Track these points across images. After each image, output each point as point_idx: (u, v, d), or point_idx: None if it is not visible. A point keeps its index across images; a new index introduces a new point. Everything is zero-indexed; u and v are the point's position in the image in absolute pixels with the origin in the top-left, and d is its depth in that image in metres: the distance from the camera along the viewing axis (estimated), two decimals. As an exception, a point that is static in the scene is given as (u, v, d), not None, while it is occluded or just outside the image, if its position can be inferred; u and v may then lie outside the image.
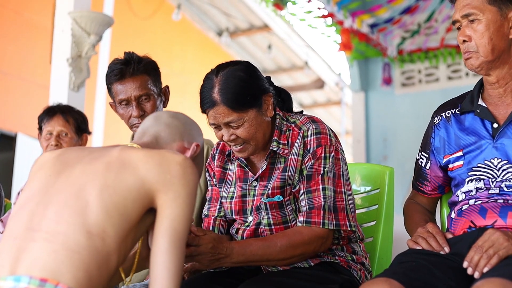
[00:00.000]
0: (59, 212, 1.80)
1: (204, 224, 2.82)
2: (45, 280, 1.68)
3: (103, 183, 1.83)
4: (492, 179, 2.48)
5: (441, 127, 2.68)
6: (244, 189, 2.71)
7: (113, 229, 1.78)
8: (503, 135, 2.50)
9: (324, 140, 2.62)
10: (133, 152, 1.91)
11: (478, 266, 2.23)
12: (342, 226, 2.58)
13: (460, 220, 2.51)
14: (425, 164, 2.74)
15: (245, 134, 2.57)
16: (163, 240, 1.82)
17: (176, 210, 1.83)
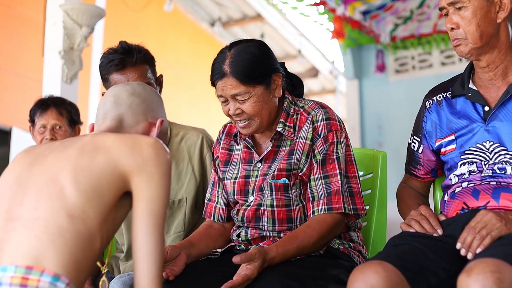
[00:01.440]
0: (37, 198, 1.79)
1: (207, 210, 2.85)
2: (31, 267, 1.67)
3: (78, 167, 1.83)
4: (484, 162, 2.49)
5: (432, 111, 2.68)
6: (248, 170, 2.73)
7: (92, 211, 1.78)
8: (494, 118, 2.50)
9: (334, 126, 2.66)
10: (105, 137, 1.91)
11: (471, 247, 2.24)
12: (359, 210, 2.63)
13: (453, 202, 2.52)
14: (417, 148, 2.74)
15: (250, 109, 2.60)
16: (141, 223, 1.82)
17: (151, 191, 1.83)
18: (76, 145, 1.90)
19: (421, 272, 2.20)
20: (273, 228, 2.64)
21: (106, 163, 1.84)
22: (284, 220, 2.63)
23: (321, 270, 2.50)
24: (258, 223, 2.66)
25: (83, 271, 1.75)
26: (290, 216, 2.64)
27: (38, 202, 1.78)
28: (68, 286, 1.68)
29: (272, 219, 2.64)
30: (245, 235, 2.69)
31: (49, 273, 1.67)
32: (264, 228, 2.66)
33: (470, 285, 1.95)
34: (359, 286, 2.13)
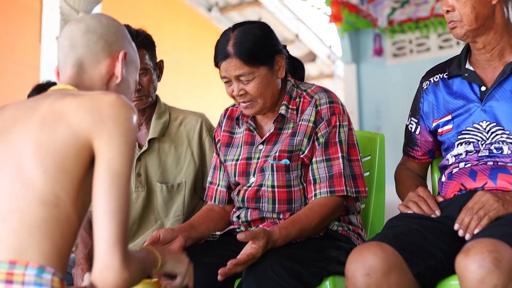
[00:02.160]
0: (8, 189, 1.71)
1: (208, 193, 2.86)
2: (14, 262, 1.62)
3: (41, 146, 1.72)
4: (481, 141, 2.50)
5: (429, 92, 2.69)
6: (250, 152, 2.75)
7: (63, 192, 1.70)
8: (491, 97, 2.51)
9: (337, 109, 2.67)
10: (64, 103, 1.78)
11: (469, 228, 2.25)
12: (361, 193, 2.65)
13: (450, 183, 2.53)
14: (414, 130, 2.75)
15: (254, 90, 2.62)
16: (101, 183, 1.70)
17: (112, 151, 1.72)
18: (37, 116, 1.77)
19: (419, 253, 2.21)
20: (273, 209, 2.65)
21: (68, 136, 1.73)
22: (284, 201, 2.65)
23: (321, 251, 2.52)
24: (258, 203, 2.68)
25: (65, 255, 1.72)
26: (290, 197, 2.65)
27: (11, 193, 1.71)
28: (54, 275, 1.64)
29: (272, 199, 2.65)
30: (245, 216, 2.70)
31: (33, 265, 1.63)
32: (264, 209, 2.67)
33: (468, 265, 1.96)
34: (358, 267, 2.14)
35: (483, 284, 1.93)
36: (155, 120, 3.13)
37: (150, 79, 3.06)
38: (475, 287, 1.94)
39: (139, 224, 3.10)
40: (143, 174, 3.09)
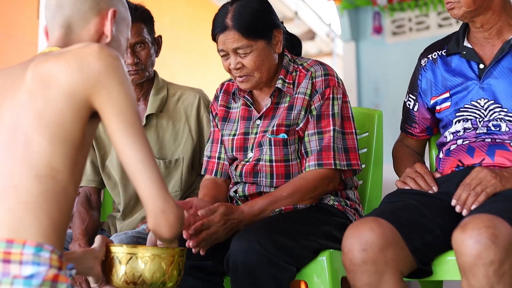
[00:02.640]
0: (2, 164, 1.69)
1: (208, 167, 2.85)
2: (12, 241, 1.60)
3: (35, 115, 1.69)
4: (479, 119, 2.49)
5: (427, 69, 2.68)
6: (247, 127, 2.75)
7: (60, 163, 1.68)
8: (489, 75, 2.50)
9: (332, 82, 2.67)
10: (49, 66, 1.73)
11: (466, 204, 2.25)
12: (354, 166, 2.64)
13: (448, 159, 2.53)
14: (412, 106, 2.75)
15: (251, 64, 2.61)
16: (121, 136, 1.71)
17: (117, 103, 1.71)
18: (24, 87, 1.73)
19: (416, 229, 2.22)
20: (271, 183, 2.66)
21: (62, 97, 1.70)
22: (282, 175, 2.65)
23: (312, 225, 2.52)
24: (256, 178, 2.68)
25: (63, 229, 1.70)
26: (288, 172, 2.65)
27: (5, 169, 1.68)
28: (52, 253, 1.63)
29: (270, 174, 2.65)
30: (243, 191, 2.70)
31: (31, 244, 1.61)
32: (262, 183, 2.67)
33: (464, 240, 1.96)
34: (354, 242, 2.15)
35: (480, 259, 1.93)
36: (153, 96, 3.12)
37: (148, 53, 3.05)
38: (472, 262, 1.94)
39: (137, 200, 3.10)
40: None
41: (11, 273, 1.58)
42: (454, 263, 2.07)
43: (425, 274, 2.27)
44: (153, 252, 2.01)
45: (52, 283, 1.60)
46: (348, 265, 2.16)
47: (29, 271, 1.59)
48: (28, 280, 1.58)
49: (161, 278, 2.03)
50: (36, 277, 1.58)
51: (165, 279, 2.03)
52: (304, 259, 2.47)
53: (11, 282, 1.57)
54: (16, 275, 1.58)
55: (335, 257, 2.49)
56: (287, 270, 2.39)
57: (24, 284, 1.57)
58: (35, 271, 1.59)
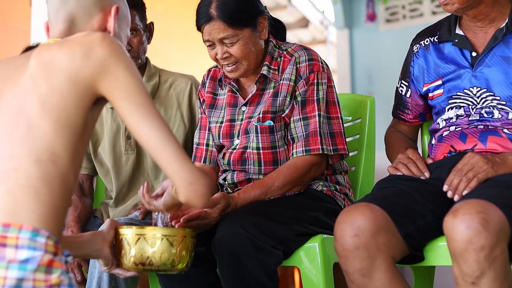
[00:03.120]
0: (2, 148, 1.69)
1: (197, 154, 2.85)
2: (8, 225, 1.60)
3: (39, 100, 1.70)
4: (472, 106, 2.49)
5: (420, 55, 2.68)
6: (233, 113, 2.75)
7: (62, 148, 1.69)
8: (482, 63, 2.50)
9: (316, 67, 2.67)
10: (51, 54, 1.75)
11: (458, 189, 2.25)
12: (340, 150, 2.65)
13: (440, 145, 2.53)
14: (405, 93, 2.74)
15: (238, 52, 2.61)
16: (135, 119, 1.74)
17: (124, 86, 1.74)
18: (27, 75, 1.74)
19: (408, 214, 2.22)
20: (259, 170, 2.66)
21: (66, 84, 1.71)
22: (270, 162, 2.65)
23: (299, 210, 2.53)
24: (244, 166, 2.68)
25: (61, 215, 1.70)
26: (276, 158, 2.66)
27: (4, 152, 1.69)
28: (48, 238, 1.62)
29: (258, 161, 2.65)
30: (231, 178, 2.71)
31: (27, 228, 1.61)
32: (250, 171, 2.68)
33: (456, 225, 1.96)
34: (346, 228, 2.15)
35: (471, 244, 1.93)
36: (145, 83, 3.11)
37: (140, 40, 3.04)
38: (463, 247, 1.94)
39: (129, 187, 3.10)
40: (132, 136, 3.08)
41: (7, 257, 1.58)
42: (446, 248, 2.07)
43: (417, 260, 2.27)
44: (162, 233, 2.02)
45: (47, 268, 1.60)
46: (340, 250, 2.16)
47: (24, 255, 1.59)
48: (23, 264, 1.58)
49: (170, 258, 2.04)
50: (31, 262, 1.58)
51: (174, 260, 2.04)
52: (291, 243, 2.47)
53: (6, 266, 1.57)
54: (11, 259, 1.57)
55: (327, 243, 2.49)
56: (273, 254, 2.39)
57: (19, 269, 1.57)
58: (30, 256, 1.59)
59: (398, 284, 2.16)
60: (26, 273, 1.57)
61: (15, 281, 1.56)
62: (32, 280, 1.57)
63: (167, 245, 2.03)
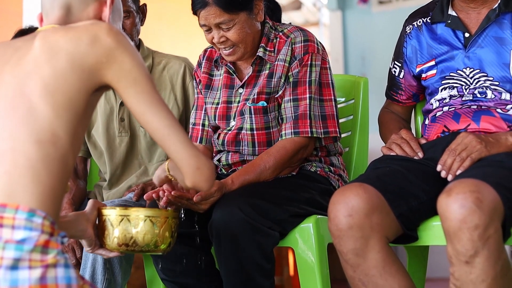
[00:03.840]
0: (2, 128, 1.69)
1: (193, 134, 2.85)
2: (4, 205, 1.61)
3: (41, 81, 1.71)
4: (465, 86, 2.50)
5: (412, 36, 2.68)
6: (230, 95, 2.74)
7: (62, 130, 1.70)
8: (474, 44, 2.50)
9: (311, 48, 2.66)
10: (57, 37, 1.77)
11: (452, 169, 2.26)
12: (331, 133, 2.65)
13: (433, 125, 2.53)
14: (398, 74, 2.74)
15: (235, 36, 2.60)
16: (142, 107, 1.77)
17: (130, 74, 1.76)
18: (31, 56, 1.76)
19: (402, 194, 2.23)
20: (253, 151, 2.67)
21: (70, 68, 1.73)
22: (264, 143, 2.66)
23: (294, 191, 2.54)
24: (238, 147, 2.69)
25: (59, 197, 1.71)
26: (269, 139, 2.66)
27: (3, 131, 1.69)
28: (45, 219, 1.63)
29: (252, 142, 2.66)
30: (226, 159, 2.71)
31: (23, 209, 1.61)
32: (244, 152, 2.68)
33: (449, 205, 1.97)
34: (340, 208, 2.15)
35: (465, 223, 1.94)
36: (138, 65, 3.10)
37: (132, 22, 3.04)
38: (457, 227, 1.95)
39: (123, 169, 3.10)
40: (126, 119, 3.07)
41: (3, 237, 1.58)
42: (440, 228, 2.08)
43: (411, 240, 2.28)
44: (145, 214, 2.03)
45: (43, 249, 1.60)
46: (334, 230, 2.17)
47: (20, 235, 1.59)
48: (20, 245, 1.58)
49: (153, 239, 2.05)
50: (28, 242, 1.59)
51: (157, 240, 2.05)
52: (286, 224, 2.49)
53: (2, 247, 1.58)
54: (8, 240, 1.58)
55: (321, 223, 2.50)
56: (270, 235, 2.41)
57: (16, 249, 1.58)
58: (26, 236, 1.59)
59: (392, 263, 2.17)
60: (22, 254, 1.58)
61: (11, 261, 1.57)
62: (28, 260, 1.58)
63: (150, 226, 2.04)
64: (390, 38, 7.34)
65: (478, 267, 1.95)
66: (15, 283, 1.57)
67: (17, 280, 1.57)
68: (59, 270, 1.61)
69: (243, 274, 2.40)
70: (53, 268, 1.60)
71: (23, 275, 1.57)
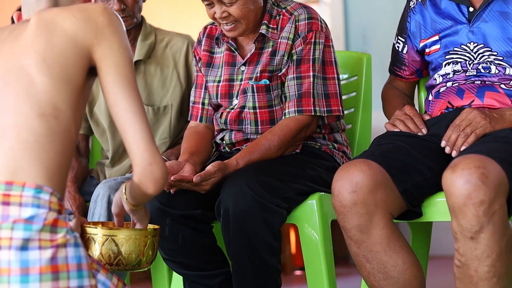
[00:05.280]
0: (2, 102, 1.70)
1: (192, 113, 2.83)
2: (11, 183, 1.61)
3: (38, 55, 1.71)
4: (469, 61, 2.49)
5: (416, 11, 2.66)
6: (232, 73, 2.72)
7: (63, 103, 1.69)
8: (479, 18, 2.49)
9: (315, 26, 2.64)
10: (52, 14, 1.78)
11: (456, 145, 2.25)
12: (334, 112, 2.64)
13: (437, 101, 2.52)
14: (401, 49, 2.73)
15: (238, 12, 2.56)
16: (117, 88, 1.73)
17: (117, 56, 1.75)
18: (27, 33, 1.76)
19: (406, 170, 2.23)
20: (256, 130, 2.66)
21: (65, 42, 1.73)
22: (267, 122, 2.65)
23: (300, 168, 2.54)
24: (241, 125, 2.68)
25: (64, 172, 1.71)
26: (272, 117, 2.66)
27: (5, 107, 1.69)
28: (52, 195, 1.63)
29: (255, 121, 2.65)
30: (229, 138, 2.70)
31: (30, 185, 1.61)
32: (247, 130, 2.67)
33: (454, 180, 1.97)
34: (344, 184, 2.15)
35: (470, 199, 1.94)
36: (141, 42, 3.09)
37: None
38: (462, 202, 1.95)
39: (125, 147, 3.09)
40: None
41: (11, 215, 1.58)
42: (444, 204, 2.09)
43: (415, 216, 2.29)
44: (128, 234, 2.00)
45: (52, 228, 1.60)
46: (338, 207, 2.17)
47: (28, 213, 1.59)
48: (29, 225, 1.58)
49: (137, 259, 2.03)
50: (36, 220, 1.59)
51: (141, 259, 2.03)
52: (292, 202, 2.50)
53: (11, 227, 1.58)
54: (16, 219, 1.58)
55: (325, 200, 2.50)
56: (278, 213, 2.42)
57: (25, 229, 1.58)
58: (34, 213, 1.59)
59: (396, 240, 2.17)
60: (32, 233, 1.58)
61: (21, 242, 1.57)
62: (38, 241, 1.58)
63: (135, 246, 2.02)
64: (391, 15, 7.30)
65: (483, 242, 1.96)
66: (25, 264, 1.57)
67: (27, 261, 1.57)
68: (69, 249, 1.62)
69: (251, 253, 2.40)
70: (63, 248, 1.61)
71: (33, 256, 1.57)
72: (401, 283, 2.16)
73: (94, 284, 1.66)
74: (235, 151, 2.65)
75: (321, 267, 2.50)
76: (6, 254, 1.57)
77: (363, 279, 2.26)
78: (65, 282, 1.59)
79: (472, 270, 1.99)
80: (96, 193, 2.73)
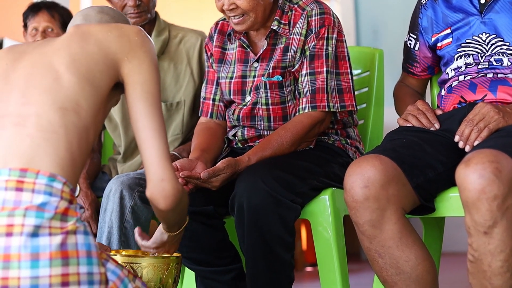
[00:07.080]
0: (26, 93, 1.75)
1: (203, 109, 2.82)
2: (25, 170, 1.65)
3: (69, 57, 1.79)
4: (481, 54, 2.48)
5: (428, 6, 2.66)
6: (244, 69, 2.71)
7: (86, 102, 1.75)
8: (490, 9, 2.49)
9: (327, 21, 2.63)
10: (90, 27, 1.88)
11: (469, 140, 2.25)
12: (348, 107, 2.63)
13: (450, 96, 2.52)
14: (413, 46, 2.72)
15: (245, 4, 2.54)
16: (141, 105, 1.80)
17: (144, 74, 1.82)
18: (61, 39, 1.86)
19: (418, 165, 2.22)
20: (268, 126, 2.65)
21: (97, 51, 1.81)
22: (279, 118, 2.65)
23: (315, 163, 2.54)
24: (254, 122, 2.67)
25: (78, 166, 1.74)
26: (285, 114, 2.65)
27: (29, 97, 1.74)
28: (65, 185, 1.67)
29: (267, 117, 2.65)
30: (242, 134, 2.70)
31: (44, 173, 1.65)
32: (260, 127, 2.67)
33: (468, 175, 1.96)
34: (356, 179, 2.15)
35: (483, 194, 1.93)
36: (155, 38, 3.10)
37: None
38: (475, 197, 1.95)
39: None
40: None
41: (23, 201, 1.62)
42: (457, 199, 2.08)
43: (428, 211, 2.29)
44: (148, 262, 2.00)
45: (62, 216, 1.64)
46: (350, 202, 2.16)
47: (40, 199, 1.63)
48: (41, 212, 1.61)
49: (156, 286, 2.03)
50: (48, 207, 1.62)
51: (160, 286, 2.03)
52: (306, 197, 2.50)
53: (23, 214, 1.61)
54: (28, 206, 1.61)
55: (337, 195, 2.51)
56: (292, 208, 2.42)
57: (36, 216, 1.61)
58: (46, 200, 1.63)
59: (409, 235, 2.17)
60: (43, 221, 1.61)
61: (32, 228, 1.60)
62: (48, 227, 1.61)
63: (154, 273, 2.02)
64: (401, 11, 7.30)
65: (496, 237, 1.95)
66: (36, 249, 1.60)
67: (38, 246, 1.60)
68: (79, 236, 1.65)
69: (265, 248, 2.40)
70: (73, 235, 1.64)
71: (43, 242, 1.60)
72: (414, 278, 2.16)
73: (103, 271, 1.68)
74: (248, 148, 2.64)
75: (334, 262, 2.50)
76: (17, 240, 1.60)
77: (376, 274, 2.26)
78: (75, 268, 1.62)
79: (486, 265, 1.98)
80: (108, 189, 2.73)
